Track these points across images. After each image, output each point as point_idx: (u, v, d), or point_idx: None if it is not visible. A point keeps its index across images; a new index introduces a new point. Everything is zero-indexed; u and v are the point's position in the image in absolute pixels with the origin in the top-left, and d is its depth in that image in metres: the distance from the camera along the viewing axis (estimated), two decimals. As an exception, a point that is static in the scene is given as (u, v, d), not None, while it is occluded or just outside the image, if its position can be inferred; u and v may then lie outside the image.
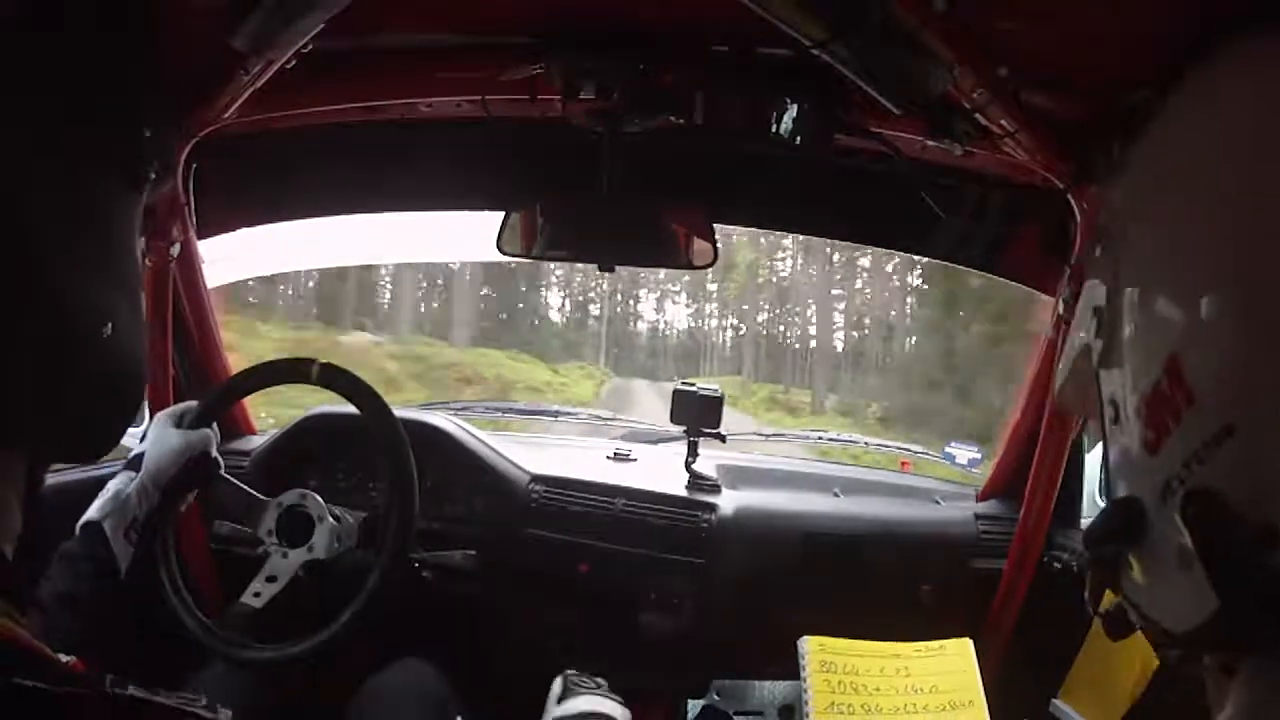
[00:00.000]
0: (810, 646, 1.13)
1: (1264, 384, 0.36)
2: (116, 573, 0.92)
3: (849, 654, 1.13)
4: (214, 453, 1.05)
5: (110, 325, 0.47)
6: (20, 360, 0.43)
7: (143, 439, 1.03)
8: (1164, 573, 0.41)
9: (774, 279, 21.42)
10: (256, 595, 1.05)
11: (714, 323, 23.90)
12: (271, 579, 1.06)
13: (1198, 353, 0.39)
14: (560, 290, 21.87)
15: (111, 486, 0.97)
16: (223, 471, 1.07)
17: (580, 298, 22.35)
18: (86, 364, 0.46)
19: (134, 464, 1.00)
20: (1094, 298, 0.48)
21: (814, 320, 20.19)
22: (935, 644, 1.15)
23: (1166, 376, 0.40)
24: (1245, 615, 0.37)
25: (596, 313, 22.82)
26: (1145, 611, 0.43)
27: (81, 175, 0.46)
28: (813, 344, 19.65)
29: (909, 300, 16.73)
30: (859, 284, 18.75)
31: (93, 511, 0.94)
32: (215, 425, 1.07)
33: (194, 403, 1.08)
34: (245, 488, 1.09)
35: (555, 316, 22.32)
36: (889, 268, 16.60)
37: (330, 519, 1.09)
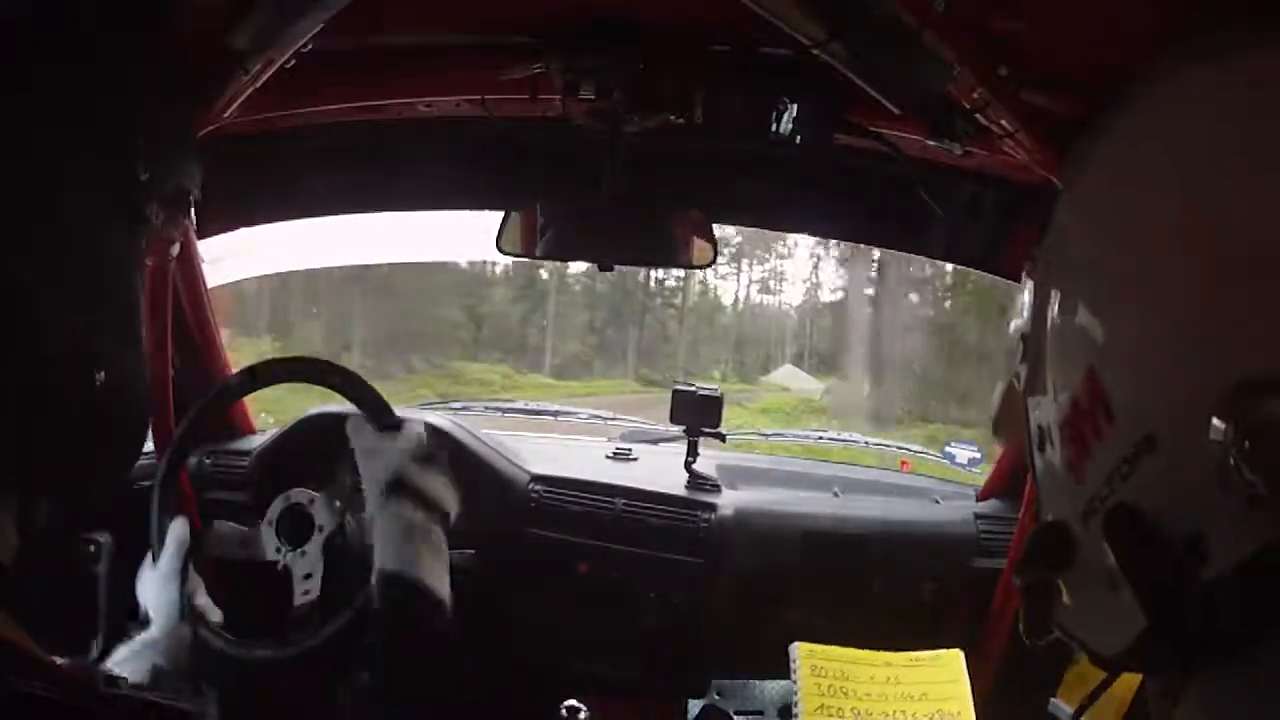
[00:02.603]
0: (800, 652, 1.13)
1: (1184, 389, 0.35)
2: None
3: (840, 660, 1.13)
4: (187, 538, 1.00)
5: (103, 373, 0.46)
6: (7, 411, 0.43)
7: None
8: (1092, 596, 0.40)
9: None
10: (306, 594, 1.06)
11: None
12: (308, 575, 1.07)
13: (1115, 364, 0.38)
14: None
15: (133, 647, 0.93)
16: (213, 525, 1.08)
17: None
18: (77, 414, 0.46)
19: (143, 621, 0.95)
20: (1021, 325, 0.47)
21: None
22: (927, 654, 1.15)
23: (1085, 391, 0.39)
24: (1174, 633, 0.36)
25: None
26: (1074, 634, 0.42)
27: (70, 223, 0.45)
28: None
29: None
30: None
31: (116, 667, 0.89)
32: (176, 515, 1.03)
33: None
34: (235, 526, 1.10)
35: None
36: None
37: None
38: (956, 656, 1.13)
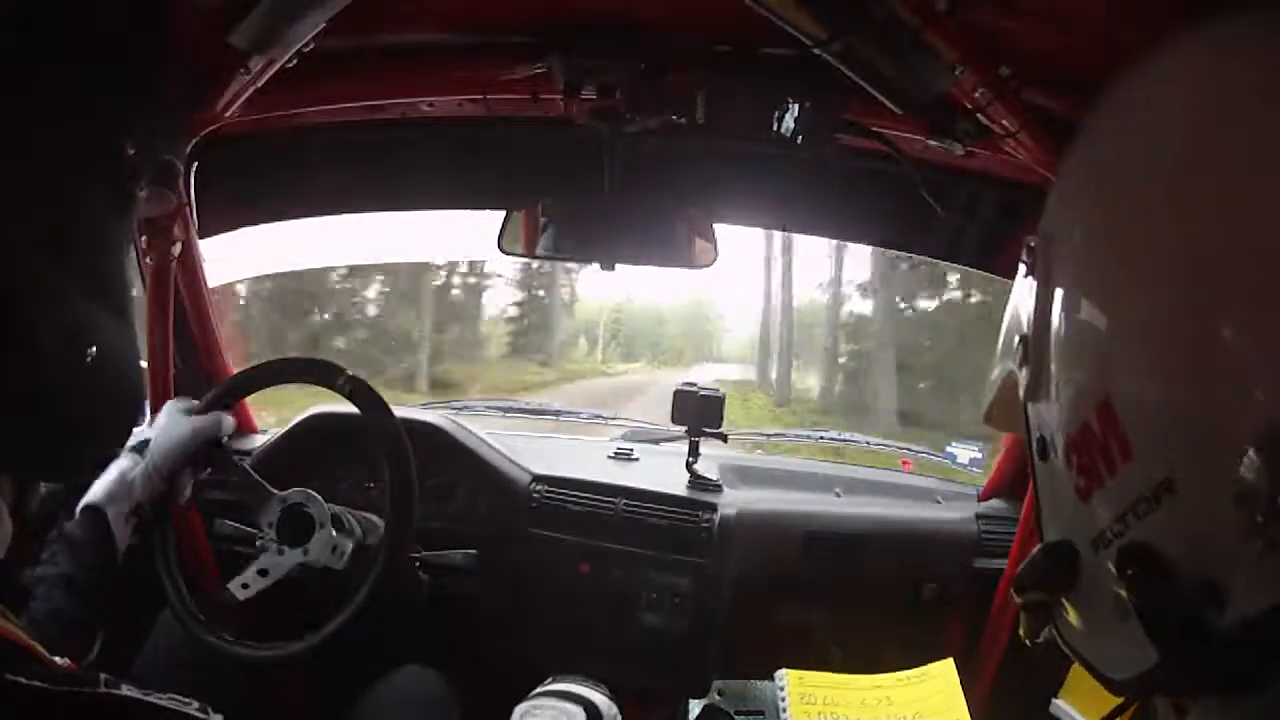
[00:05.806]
0: (789, 680, 1.12)
1: (1207, 436, 0.33)
2: (115, 557, 0.92)
3: (828, 686, 1.11)
4: (224, 437, 1.04)
5: (95, 349, 0.46)
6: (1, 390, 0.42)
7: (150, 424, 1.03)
8: (1101, 621, 0.39)
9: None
10: (244, 587, 1.04)
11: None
12: (263, 573, 1.05)
13: (1134, 397, 0.36)
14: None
15: (114, 469, 0.97)
16: (234, 457, 1.07)
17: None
18: (70, 390, 0.46)
19: (138, 448, 1.00)
20: (1018, 324, 0.45)
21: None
22: (917, 671, 1.12)
23: (1098, 420, 0.37)
24: (1188, 672, 0.35)
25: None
26: (1081, 654, 0.42)
27: (59, 197, 0.45)
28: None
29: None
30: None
31: (94, 494, 0.93)
32: (229, 413, 1.07)
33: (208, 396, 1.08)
34: (254, 475, 1.09)
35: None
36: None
37: (331, 529, 1.07)
38: (948, 667, 1.11)
